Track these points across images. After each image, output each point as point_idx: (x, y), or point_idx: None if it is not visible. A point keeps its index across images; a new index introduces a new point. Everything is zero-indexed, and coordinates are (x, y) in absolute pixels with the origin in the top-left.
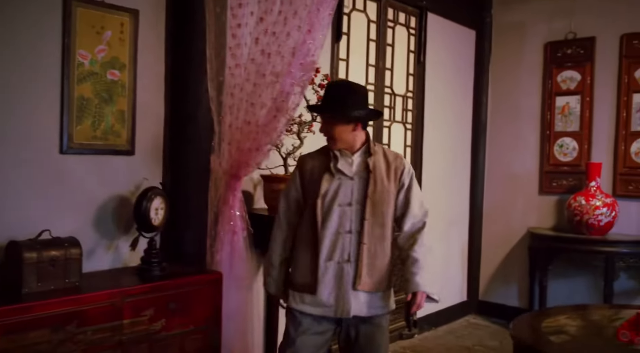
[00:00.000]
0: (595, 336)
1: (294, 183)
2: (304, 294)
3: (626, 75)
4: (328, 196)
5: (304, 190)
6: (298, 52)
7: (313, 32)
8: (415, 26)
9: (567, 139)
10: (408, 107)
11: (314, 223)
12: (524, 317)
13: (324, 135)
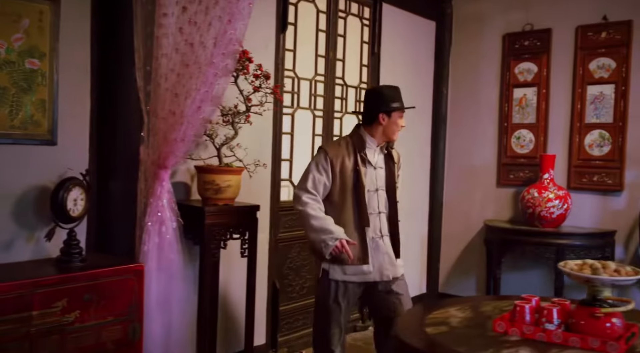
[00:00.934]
0: (475, 327)
1: (326, 170)
2: (345, 266)
3: (581, 67)
4: (363, 183)
5: (334, 177)
6: (219, 42)
7: (233, 22)
8: (370, 17)
9: (524, 131)
10: (362, 99)
11: (357, 205)
12: (417, 307)
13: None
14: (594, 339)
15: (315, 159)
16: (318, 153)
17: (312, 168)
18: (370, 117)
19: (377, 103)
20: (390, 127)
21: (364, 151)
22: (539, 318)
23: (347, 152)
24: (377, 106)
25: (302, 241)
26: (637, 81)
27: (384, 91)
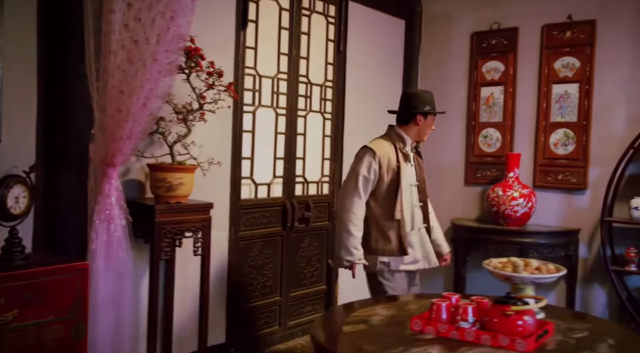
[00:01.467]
0: (394, 325)
1: (374, 169)
2: (401, 257)
3: (546, 66)
4: (405, 179)
5: (381, 174)
6: (162, 39)
7: (176, 19)
8: (335, 15)
9: (491, 130)
10: (327, 97)
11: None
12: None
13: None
14: (504, 337)
15: (363, 159)
16: (364, 152)
17: (361, 169)
18: (407, 118)
19: (416, 105)
20: (424, 129)
21: (405, 148)
22: (455, 316)
23: (390, 149)
24: (416, 107)
25: (264, 240)
26: (600, 80)
27: (422, 94)
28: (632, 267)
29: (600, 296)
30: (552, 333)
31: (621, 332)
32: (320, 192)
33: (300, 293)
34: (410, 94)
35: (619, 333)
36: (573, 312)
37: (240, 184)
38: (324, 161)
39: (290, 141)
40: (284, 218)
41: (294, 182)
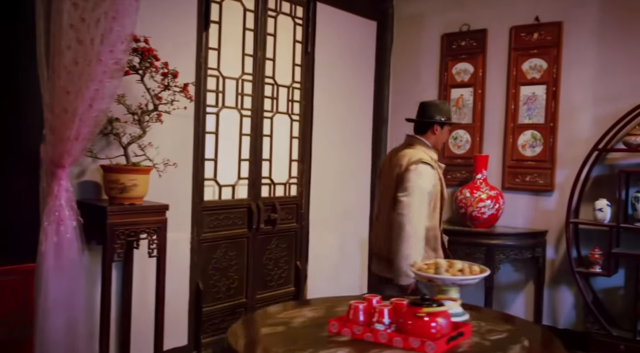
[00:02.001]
0: (313, 327)
1: (434, 184)
2: None
3: (514, 67)
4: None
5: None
6: (106, 39)
7: (119, 19)
8: (303, 16)
9: (461, 132)
10: (294, 99)
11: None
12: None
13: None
14: (414, 339)
15: (424, 174)
16: (424, 167)
17: (424, 185)
18: (425, 127)
19: (434, 114)
20: (441, 138)
21: (435, 157)
22: (371, 318)
23: (433, 159)
24: (433, 116)
25: (229, 242)
26: (567, 82)
27: (441, 105)
28: (596, 269)
29: (567, 297)
30: (468, 335)
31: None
32: (288, 194)
33: (267, 295)
34: (429, 104)
35: (538, 334)
36: (501, 314)
37: (204, 186)
38: (291, 162)
39: (256, 142)
40: (249, 219)
41: (260, 183)
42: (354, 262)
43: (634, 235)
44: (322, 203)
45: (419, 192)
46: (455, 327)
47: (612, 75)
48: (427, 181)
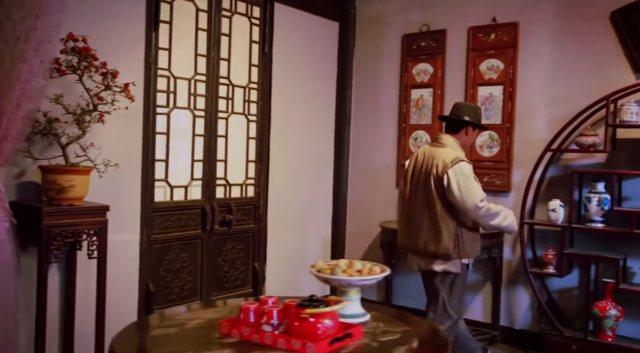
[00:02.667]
0: (207, 328)
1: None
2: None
3: (472, 68)
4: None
5: None
6: (30, 38)
7: (43, 17)
8: (260, 16)
9: (421, 132)
10: (251, 99)
11: None
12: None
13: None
14: (296, 340)
15: (467, 171)
16: (464, 165)
17: (472, 179)
18: (458, 126)
19: (469, 117)
20: (470, 139)
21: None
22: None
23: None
24: (471, 119)
25: (182, 243)
26: (523, 83)
27: (475, 108)
28: (550, 269)
29: (523, 298)
30: (358, 336)
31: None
32: (245, 195)
33: (223, 297)
34: (466, 105)
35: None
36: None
37: (154, 187)
38: (248, 163)
39: (210, 143)
40: (203, 220)
41: (214, 184)
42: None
43: (588, 235)
44: (281, 204)
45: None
46: (345, 328)
47: (566, 76)
48: (471, 176)
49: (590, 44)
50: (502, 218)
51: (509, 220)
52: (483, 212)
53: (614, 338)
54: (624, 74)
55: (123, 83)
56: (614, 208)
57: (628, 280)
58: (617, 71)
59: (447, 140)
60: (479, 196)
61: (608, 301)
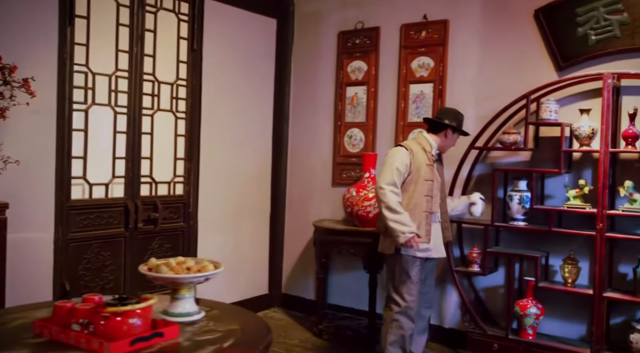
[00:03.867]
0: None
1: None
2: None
3: (404, 65)
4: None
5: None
6: None
7: None
8: (189, 13)
9: (355, 130)
10: (179, 96)
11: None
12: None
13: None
14: (96, 340)
15: (397, 154)
16: (398, 149)
17: (395, 162)
18: (439, 128)
19: (450, 120)
20: (449, 142)
21: (432, 152)
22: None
23: (421, 149)
24: (449, 122)
25: (102, 241)
26: (452, 80)
27: (457, 114)
28: (475, 268)
29: (453, 297)
30: (172, 335)
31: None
32: (173, 192)
33: None
34: (448, 110)
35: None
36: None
37: (70, 184)
38: (176, 161)
39: (133, 140)
40: (126, 219)
41: (139, 182)
42: (257, 261)
43: (513, 234)
44: (213, 202)
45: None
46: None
47: (492, 73)
48: (396, 158)
49: (516, 42)
50: (393, 217)
51: (396, 225)
52: (380, 195)
53: (534, 336)
54: (546, 72)
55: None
56: (534, 206)
57: (550, 278)
58: (540, 69)
59: (420, 136)
60: (385, 179)
61: (529, 300)
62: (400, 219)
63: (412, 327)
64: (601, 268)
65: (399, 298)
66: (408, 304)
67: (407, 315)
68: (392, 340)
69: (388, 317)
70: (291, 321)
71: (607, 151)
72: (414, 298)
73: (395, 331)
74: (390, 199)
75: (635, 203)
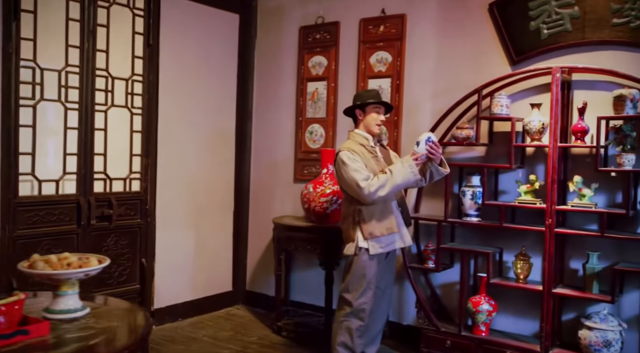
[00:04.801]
0: None
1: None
2: (380, 240)
3: (363, 60)
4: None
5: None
6: None
7: None
8: (144, 7)
9: (316, 126)
10: (135, 92)
11: None
12: None
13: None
14: None
15: (344, 159)
16: (341, 154)
17: (349, 164)
18: (352, 116)
19: (354, 102)
20: (367, 122)
21: (370, 143)
22: None
23: (359, 145)
24: (354, 103)
25: (52, 238)
26: (409, 75)
27: (362, 93)
28: (429, 264)
29: (411, 293)
30: (43, 333)
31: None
32: (129, 189)
33: (105, 293)
34: (354, 96)
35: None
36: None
37: (18, 181)
38: (132, 157)
39: (85, 136)
40: (78, 215)
41: (92, 179)
42: (221, 258)
43: (469, 230)
44: (174, 198)
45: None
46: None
47: (449, 68)
48: (348, 161)
49: (472, 36)
50: (392, 181)
51: (401, 176)
52: (367, 192)
53: (487, 332)
54: (501, 66)
55: None
56: (486, 201)
57: (504, 274)
58: (495, 63)
59: (352, 134)
60: (357, 178)
61: (482, 296)
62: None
63: (363, 328)
64: (550, 264)
65: (351, 299)
66: (360, 306)
67: (359, 317)
68: (341, 340)
69: (339, 317)
70: (253, 318)
71: (556, 146)
72: (368, 300)
73: (344, 332)
74: (378, 184)
75: (585, 198)
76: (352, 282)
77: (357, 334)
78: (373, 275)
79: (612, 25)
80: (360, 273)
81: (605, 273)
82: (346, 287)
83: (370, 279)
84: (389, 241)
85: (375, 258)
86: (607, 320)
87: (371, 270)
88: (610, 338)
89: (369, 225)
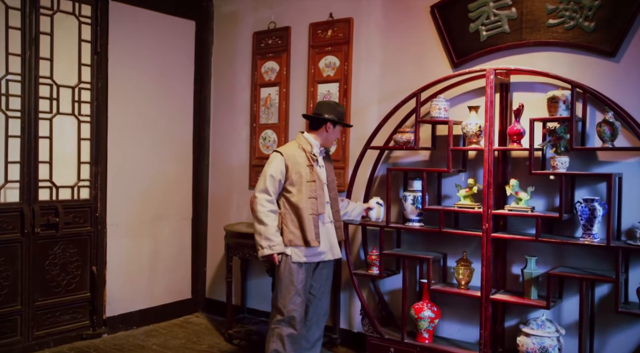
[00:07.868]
0: None
1: (281, 170)
2: (304, 249)
3: (312, 65)
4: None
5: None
6: None
7: None
8: (91, 15)
9: (269, 132)
10: (83, 99)
11: (312, 196)
12: None
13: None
14: None
15: (272, 162)
16: (273, 155)
17: (269, 170)
18: (319, 124)
19: (329, 114)
20: (332, 136)
21: (313, 151)
22: None
23: (299, 152)
24: (329, 116)
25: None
26: (357, 79)
27: (336, 106)
28: (374, 270)
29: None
30: None
31: None
32: (78, 197)
33: (52, 302)
34: (325, 104)
35: None
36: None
37: None
38: (81, 164)
39: (29, 144)
40: (22, 224)
41: (36, 186)
42: (179, 265)
43: (413, 235)
44: (127, 205)
45: (263, 177)
46: None
47: (393, 71)
48: (270, 166)
49: (415, 39)
50: (257, 228)
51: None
52: (252, 204)
53: (430, 339)
54: (443, 69)
55: None
56: (425, 206)
57: (448, 280)
58: (437, 66)
59: (299, 137)
60: (258, 187)
61: (424, 303)
62: (264, 232)
63: (295, 336)
64: (488, 270)
65: (282, 306)
66: (290, 314)
67: (290, 324)
68: (272, 348)
69: (271, 324)
70: (209, 326)
71: (492, 149)
72: (297, 307)
73: (276, 340)
74: (259, 209)
75: (521, 202)
76: (280, 289)
77: (289, 341)
78: (301, 282)
79: (548, 26)
80: (288, 279)
81: (545, 279)
82: (276, 294)
83: (297, 286)
84: (311, 253)
85: (304, 266)
86: (545, 326)
87: (298, 277)
88: (547, 345)
89: (289, 233)
